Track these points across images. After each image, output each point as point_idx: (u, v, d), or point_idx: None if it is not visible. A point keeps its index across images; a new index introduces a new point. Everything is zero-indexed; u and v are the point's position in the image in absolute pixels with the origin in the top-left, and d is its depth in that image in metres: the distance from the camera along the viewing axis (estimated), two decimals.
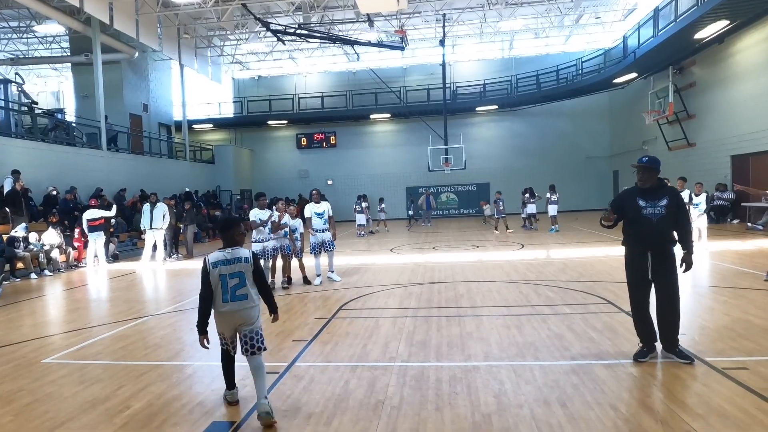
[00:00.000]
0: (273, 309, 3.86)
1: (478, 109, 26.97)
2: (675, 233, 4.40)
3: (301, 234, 8.72)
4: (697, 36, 14.92)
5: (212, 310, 3.64)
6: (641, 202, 4.45)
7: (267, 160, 29.34)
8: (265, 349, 3.72)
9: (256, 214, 8.53)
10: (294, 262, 8.83)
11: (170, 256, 13.09)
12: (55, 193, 12.85)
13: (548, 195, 16.90)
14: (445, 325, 5.91)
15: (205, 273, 3.60)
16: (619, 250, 11.21)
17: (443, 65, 23.01)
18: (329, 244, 8.88)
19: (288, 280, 8.78)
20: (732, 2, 12.61)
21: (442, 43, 22.45)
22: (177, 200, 15.88)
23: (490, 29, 23.92)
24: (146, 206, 11.82)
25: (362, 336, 5.57)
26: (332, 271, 9.20)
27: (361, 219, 18.58)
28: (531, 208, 17.04)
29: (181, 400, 3.91)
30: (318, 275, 8.91)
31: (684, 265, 4.35)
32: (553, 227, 16.70)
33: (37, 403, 3.94)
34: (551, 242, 13.94)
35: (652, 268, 4.36)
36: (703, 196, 10.84)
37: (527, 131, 27.53)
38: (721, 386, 3.75)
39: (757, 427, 3.12)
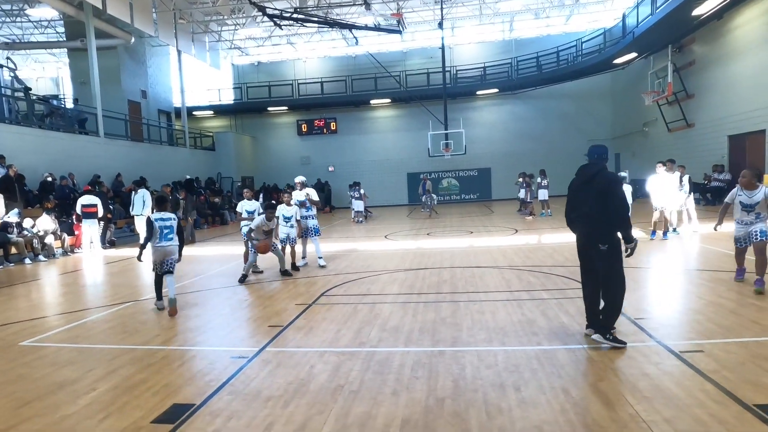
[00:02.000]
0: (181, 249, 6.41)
1: (478, 92, 26.67)
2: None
3: (297, 220, 8.77)
4: (696, 12, 14.59)
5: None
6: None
7: (268, 146, 29.36)
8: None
9: (242, 206, 8.63)
10: (288, 248, 8.90)
11: None
12: (51, 179, 12.97)
13: (539, 179, 16.81)
14: (422, 311, 5.97)
15: (150, 224, 6.19)
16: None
17: (442, 48, 22.72)
18: (314, 231, 9.00)
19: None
20: None
21: (440, 25, 22.15)
22: (174, 188, 15.97)
23: (489, 10, 23.54)
24: (144, 191, 11.89)
25: (337, 322, 5.64)
26: (320, 257, 9.31)
27: (358, 205, 18.58)
28: (543, 194, 16.80)
29: (147, 383, 4.01)
30: (303, 257, 9.08)
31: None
32: (544, 211, 16.67)
33: (7, 383, 4.07)
34: (546, 227, 13.90)
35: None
36: (686, 177, 10.84)
37: (529, 114, 27.22)
38: (674, 369, 3.81)
39: (697, 408, 3.18)
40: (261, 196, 19.02)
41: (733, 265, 6.50)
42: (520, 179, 17.47)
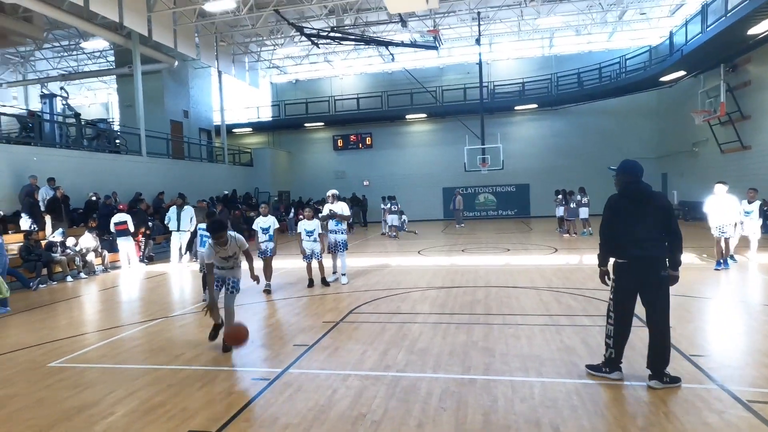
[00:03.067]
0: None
1: (516, 108, 26.17)
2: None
3: (320, 234, 8.65)
4: (751, 32, 13.73)
5: None
6: None
7: (304, 161, 29.75)
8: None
9: (257, 224, 8.56)
10: (314, 263, 8.77)
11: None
12: (95, 198, 13.48)
13: (578, 197, 16.17)
14: (453, 333, 5.68)
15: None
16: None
17: (479, 64, 22.49)
18: (342, 246, 8.92)
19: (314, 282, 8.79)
20: None
21: (478, 42, 21.96)
22: (210, 203, 16.31)
23: (528, 27, 23.15)
24: (173, 209, 12.15)
25: (364, 342, 5.43)
26: (334, 273, 9.27)
27: (393, 220, 18.37)
28: (584, 212, 16.10)
29: (164, 406, 3.91)
30: (334, 272, 8.99)
31: None
32: (585, 230, 15.99)
33: (26, 408, 3.99)
34: (586, 247, 13.24)
35: None
36: (757, 203, 9.88)
37: (569, 130, 26.42)
38: (741, 422, 3.32)
39: None
40: (292, 210, 19.15)
41: None
42: (559, 197, 16.85)
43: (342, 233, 8.90)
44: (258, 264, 8.34)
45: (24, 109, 21.45)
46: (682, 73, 18.92)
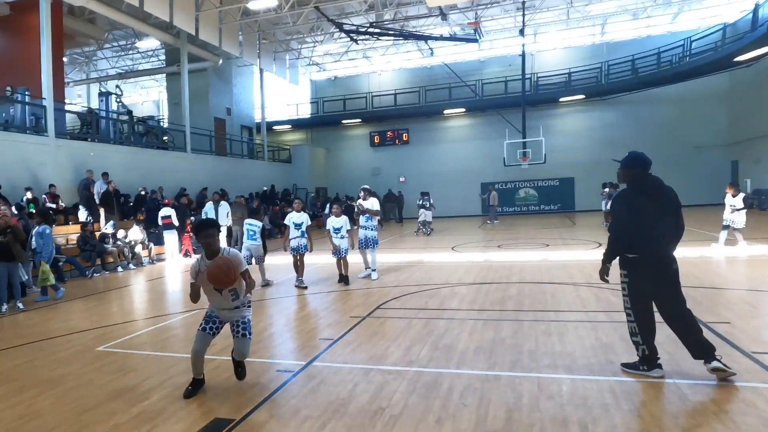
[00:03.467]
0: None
1: (562, 99, 25.30)
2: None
3: (348, 231, 8.68)
4: None
5: None
6: None
7: (341, 158, 30.03)
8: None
9: (290, 219, 8.57)
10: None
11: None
12: (144, 193, 14.14)
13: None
14: (480, 329, 5.56)
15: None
16: (718, 251, 9.82)
17: (522, 56, 21.90)
18: (373, 242, 8.91)
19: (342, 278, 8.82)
20: None
21: (521, 32, 21.36)
22: (248, 199, 16.73)
23: (577, 14, 22.24)
24: (209, 204, 12.52)
25: (389, 337, 5.41)
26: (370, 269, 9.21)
27: (428, 215, 18.22)
28: None
29: (195, 393, 4.03)
30: (373, 270, 8.98)
31: None
32: None
33: (77, 387, 4.30)
34: None
35: None
36: (741, 196, 9.85)
37: (620, 121, 25.24)
38: None
39: None
40: (328, 206, 19.26)
41: None
42: (606, 189, 16.18)
43: (372, 229, 8.88)
44: (289, 260, 8.55)
45: (85, 107, 22.78)
46: (764, 50, 17.50)
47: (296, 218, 8.51)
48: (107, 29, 21.46)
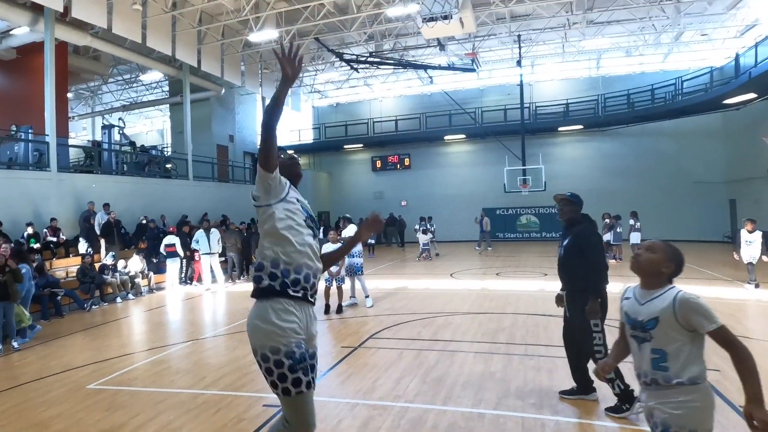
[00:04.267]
0: None
1: (560, 129, 25.57)
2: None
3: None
4: None
5: None
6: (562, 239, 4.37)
7: (343, 182, 30.29)
8: None
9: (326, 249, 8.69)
10: (334, 288, 8.85)
11: (240, 278, 13.92)
12: (145, 222, 14.30)
13: (631, 221, 15.57)
14: (471, 362, 5.59)
15: None
16: (715, 291, 9.91)
17: (521, 86, 22.27)
18: (357, 269, 8.98)
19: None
20: None
21: (519, 63, 21.78)
22: (248, 225, 16.88)
23: (572, 48, 22.74)
24: (200, 232, 12.64)
25: (379, 369, 5.44)
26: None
27: (422, 241, 18.33)
28: (635, 237, 15.54)
29: (181, 431, 4.06)
30: (367, 296, 9.01)
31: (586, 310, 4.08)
32: None
33: (66, 428, 4.24)
34: (632, 274, 12.60)
35: (567, 306, 4.34)
36: (758, 234, 9.80)
37: (620, 151, 25.34)
38: None
39: None
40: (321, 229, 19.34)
41: None
42: (606, 220, 16.26)
43: (357, 256, 8.95)
44: None
45: (89, 141, 23.25)
46: (750, 95, 17.77)
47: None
48: (111, 65, 22.02)
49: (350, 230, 9.16)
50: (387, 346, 6.39)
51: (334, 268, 8.45)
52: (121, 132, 17.84)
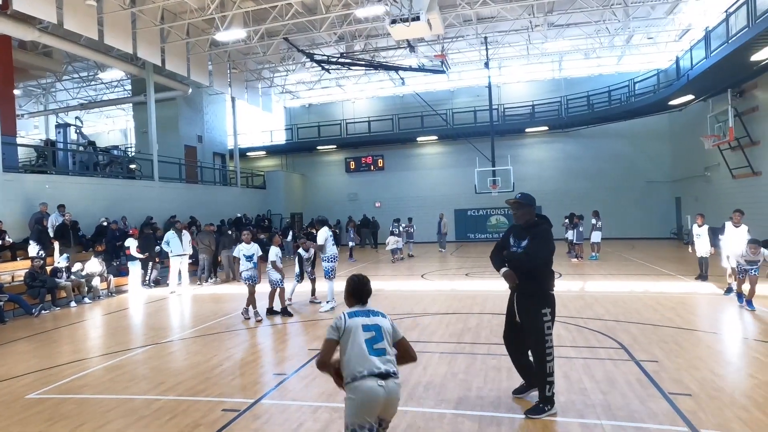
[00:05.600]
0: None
1: (527, 130, 26.11)
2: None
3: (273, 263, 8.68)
4: (754, 58, 13.56)
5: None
6: (511, 240, 4.29)
7: (317, 183, 30.11)
8: None
9: (240, 251, 8.63)
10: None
11: (207, 280, 13.65)
12: (105, 223, 13.84)
13: (593, 221, 15.98)
14: (435, 363, 5.61)
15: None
16: (661, 286, 10.28)
17: (489, 88, 22.61)
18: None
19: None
20: None
21: (486, 65, 22.12)
22: (219, 226, 16.58)
23: (536, 51, 23.27)
24: (170, 233, 12.35)
25: None
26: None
27: (399, 242, 18.35)
28: (596, 236, 15.93)
29: None
30: (327, 301, 8.92)
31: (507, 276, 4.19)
32: (594, 254, 15.83)
33: None
34: (592, 272, 13.00)
35: (517, 309, 4.23)
36: (705, 227, 10.36)
37: (581, 153, 26.15)
38: None
39: None
40: (290, 233, 19.11)
41: None
42: (567, 220, 16.66)
43: (330, 260, 8.94)
44: (244, 290, 8.53)
45: (41, 140, 22.29)
46: (690, 97, 18.68)
47: (246, 250, 8.52)
48: (66, 62, 21.10)
49: (323, 233, 9.04)
50: None
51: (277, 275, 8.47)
52: (78, 131, 17.17)
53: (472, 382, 4.95)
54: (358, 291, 3.10)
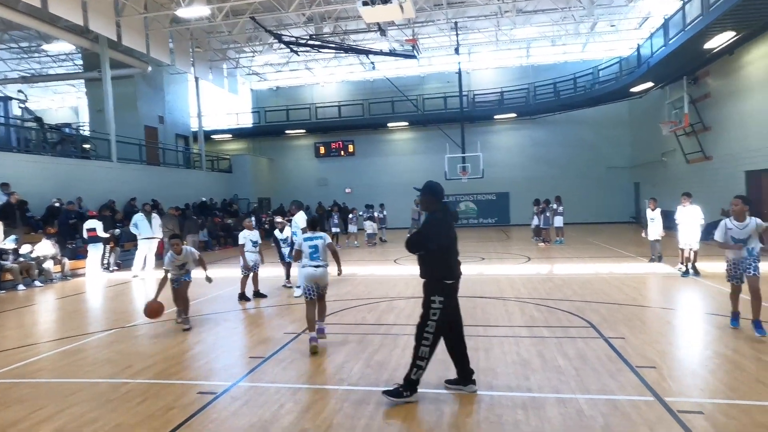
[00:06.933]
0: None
1: (496, 117, 26.39)
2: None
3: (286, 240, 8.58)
4: (707, 46, 14.19)
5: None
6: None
7: (286, 168, 29.55)
8: None
9: (246, 237, 8.39)
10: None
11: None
12: (58, 204, 13.07)
13: (554, 206, 16.37)
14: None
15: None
16: (624, 268, 10.67)
17: (459, 74, 22.65)
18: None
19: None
20: (736, 13, 11.79)
21: (456, 51, 22.12)
22: (183, 210, 16.04)
23: (505, 37, 23.44)
24: (139, 215, 11.84)
25: (322, 354, 5.33)
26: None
27: (374, 227, 18.35)
28: (559, 221, 16.32)
29: (96, 423, 3.74)
30: (298, 287, 8.75)
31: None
32: (558, 239, 16.26)
33: None
34: (559, 256, 13.34)
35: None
36: (658, 211, 10.71)
37: (548, 139, 26.72)
38: None
39: None
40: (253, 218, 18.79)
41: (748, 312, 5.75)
42: (536, 207, 17.02)
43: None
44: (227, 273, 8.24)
45: None
46: (649, 84, 19.33)
47: (253, 236, 8.35)
48: (1, 29, 19.39)
49: (300, 217, 8.80)
50: (331, 332, 6.26)
51: (250, 261, 8.30)
52: (23, 106, 15.99)
53: (449, 362, 4.92)
54: (311, 223, 5.99)
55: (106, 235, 11.66)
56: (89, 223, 11.37)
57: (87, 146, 17.58)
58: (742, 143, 15.38)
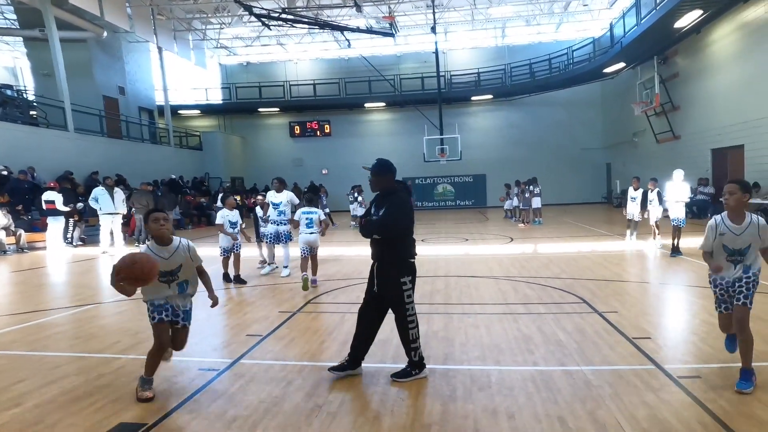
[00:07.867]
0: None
1: (473, 98, 26.42)
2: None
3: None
4: (677, 25, 14.58)
5: None
6: (372, 209, 4.13)
7: (259, 147, 28.79)
8: None
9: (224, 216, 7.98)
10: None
11: (146, 242, 12.68)
12: (6, 172, 12.19)
13: (531, 187, 16.62)
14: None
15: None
16: (604, 246, 10.96)
17: (436, 53, 22.44)
18: (285, 237, 8.41)
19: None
20: None
21: (433, 30, 21.86)
22: (156, 186, 15.39)
23: (481, 16, 23.32)
24: (99, 189, 11.16)
25: (323, 332, 5.20)
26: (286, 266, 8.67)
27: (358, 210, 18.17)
28: (536, 202, 16.54)
29: (92, 397, 3.52)
30: (285, 266, 8.51)
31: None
32: (537, 219, 16.56)
33: None
34: (540, 236, 13.57)
35: (376, 281, 4.04)
36: (640, 191, 11.02)
37: (523, 121, 26.98)
38: (672, 397, 3.44)
39: None
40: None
41: None
42: (515, 188, 17.20)
43: (284, 224, 8.44)
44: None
45: None
46: (622, 65, 19.70)
47: (232, 216, 7.90)
48: None
49: (284, 195, 8.45)
50: (327, 311, 6.13)
51: (228, 243, 7.90)
52: None
53: (453, 339, 4.92)
54: (308, 200, 7.80)
55: (66, 209, 10.98)
56: (47, 195, 10.68)
57: (33, 113, 16.38)
58: (707, 121, 15.95)
